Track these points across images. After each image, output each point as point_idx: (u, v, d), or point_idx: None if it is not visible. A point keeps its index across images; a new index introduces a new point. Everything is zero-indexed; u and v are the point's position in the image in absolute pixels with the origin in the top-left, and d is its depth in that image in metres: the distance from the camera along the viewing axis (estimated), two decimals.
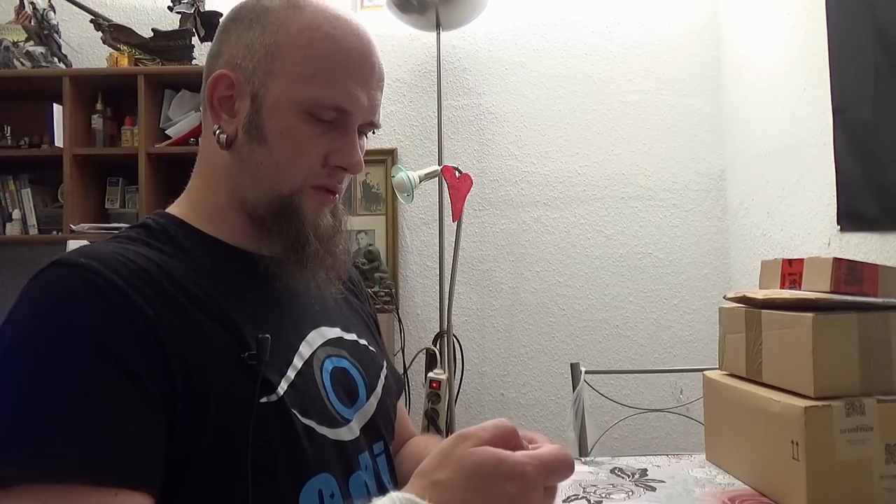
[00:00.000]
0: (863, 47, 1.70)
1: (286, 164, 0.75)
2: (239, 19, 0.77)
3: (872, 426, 0.88)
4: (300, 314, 0.80)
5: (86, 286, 0.63)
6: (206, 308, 0.69)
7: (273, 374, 0.70)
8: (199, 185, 0.81)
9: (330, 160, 0.77)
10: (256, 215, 0.77)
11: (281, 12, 0.75)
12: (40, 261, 0.68)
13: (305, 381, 0.74)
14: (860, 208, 1.76)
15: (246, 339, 0.70)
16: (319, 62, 0.74)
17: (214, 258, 0.76)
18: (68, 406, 0.58)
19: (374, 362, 0.88)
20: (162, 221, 0.77)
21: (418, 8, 2.36)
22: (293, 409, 0.70)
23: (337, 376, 0.79)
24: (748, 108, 2.42)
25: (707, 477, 1.09)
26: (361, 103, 0.76)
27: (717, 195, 2.63)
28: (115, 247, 0.69)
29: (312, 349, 0.78)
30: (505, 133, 2.69)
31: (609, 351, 2.63)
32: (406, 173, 1.96)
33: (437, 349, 2.21)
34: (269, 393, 0.69)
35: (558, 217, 2.67)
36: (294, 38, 0.74)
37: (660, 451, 1.74)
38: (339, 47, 0.75)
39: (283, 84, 0.74)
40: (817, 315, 0.91)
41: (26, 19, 2.55)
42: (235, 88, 0.76)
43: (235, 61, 0.76)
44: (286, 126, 0.75)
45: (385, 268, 2.56)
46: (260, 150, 0.75)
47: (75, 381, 0.59)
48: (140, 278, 0.66)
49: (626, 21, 2.66)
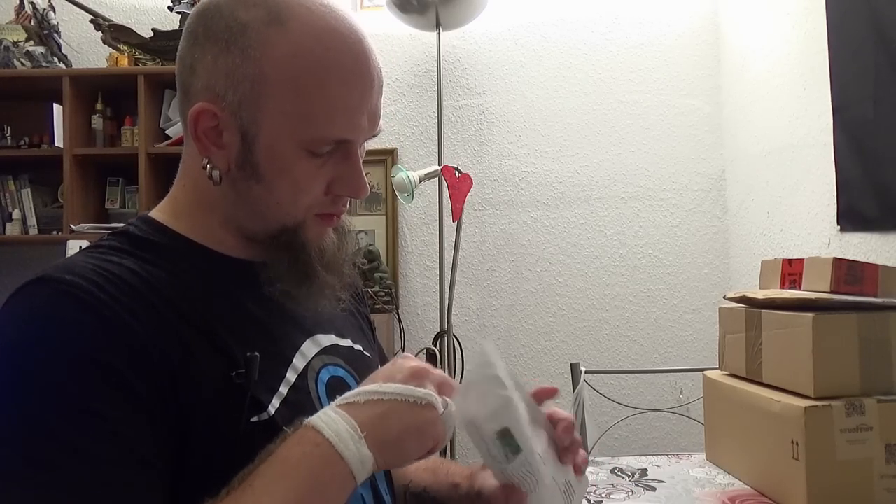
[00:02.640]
0: (863, 47, 1.70)
1: (288, 200, 0.72)
2: (213, 36, 0.69)
3: (872, 426, 0.88)
4: (293, 323, 0.77)
5: (71, 302, 0.61)
6: (194, 324, 0.67)
7: (264, 393, 0.68)
8: (185, 199, 0.76)
9: (334, 189, 0.73)
10: (256, 240, 0.75)
11: (261, 31, 0.67)
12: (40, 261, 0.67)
13: (299, 396, 0.72)
14: (860, 208, 1.75)
15: (235, 357, 0.67)
16: (314, 98, 0.68)
17: (202, 269, 0.72)
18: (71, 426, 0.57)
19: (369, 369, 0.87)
20: (144, 228, 0.73)
21: (418, 8, 2.36)
22: (285, 426, 0.67)
23: (333, 386, 0.77)
24: (748, 108, 2.42)
25: (707, 477, 1.09)
26: (362, 128, 0.72)
27: (717, 195, 2.63)
28: (97, 259, 0.66)
29: (307, 360, 0.76)
30: (505, 133, 2.69)
31: (609, 351, 2.63)
32: (406, 173, 1.96)
33: (437, 349, 2.21)
34: (259, 412, 0.67)
35: (558, 217, 2.67)
36: (282, 68, 0.67)
37: (660, 451, 1.74)
38: (332, 74, 0.68)
39: (278, 122, 0.68)
40: (817, 315, 0.91)
41: (26, 19, 2.55)
42: (220, 119, 0.69)
43: (216, 90, 0.68)
44: (285, 166, 0.70)
45: (385, 268, 2.56)
46: (258, 188, 0.71)
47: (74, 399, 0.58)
48: (125, 293, 0.63)
49: (626, 21, 2.66)
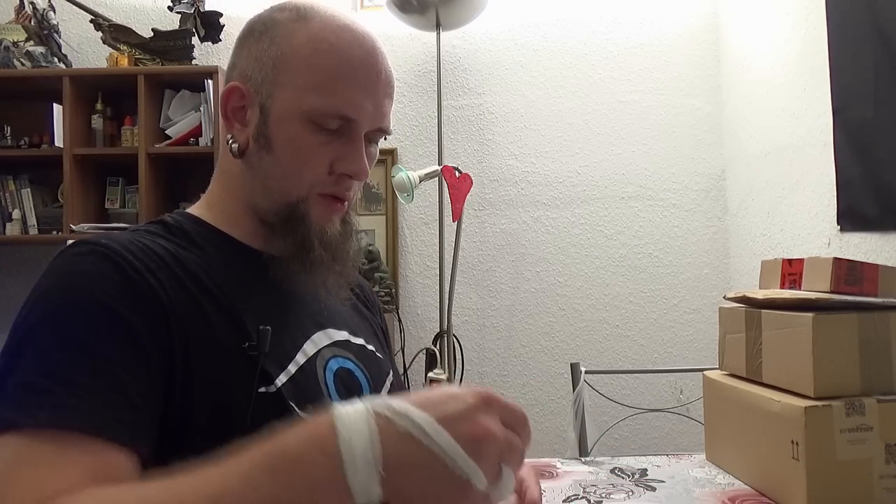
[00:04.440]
0: (863, 47, 1.70)
1: (292, 172, 0.78)
2: (251, 33, 0.81)
3: (872, 426, 0.88)
4: (307, 315, 0.82)
5: (104, 261, 0.67)
6: (214, 299, 0.72)
7: (273, 367, 0.72)
8: (217, 189, 0.85)
9: (336, 168, 0.78)
10: (267, 221, 0.80)
11: (288, 25, 0.78)
12: (40, 261, 0.70)
13: (306, 378, 0.76)
14: (860, 208, 1.75)
15: (248, 332, 0.72)
16: (322, 72, 0.76)
17: (227, 255, 0.79)
18: (74, 362, 0.61)
19: (380, 368, 0.89)
20: (179, 219, 0.81)
21: (418, 8, 2.36)
22: (290, 401, 0.72)
23: (341, 376, 0.80)
24: (748, 108, 2.42)
25: (707, 477, 1.09)
26: (365, 110, 0.78)
27: (717, 195, 2.63)
28: (132, 235, 0.74)
29: (317, 348, 0.80)
30: (505, 133, 2.69)
31: (609, 351, 2.63)
32: (406, 173, 1.96)
33: (437, 349, 2.21)
34: (267, 384, 0.71)
35: (558, 217, 2.67)
36: (299, 49, 0.76)
37: (660, 451, 1.74)
38: (342, 57, 0.76)
39: (289, 94, 0.76)
40: (817, 315, 0.91)
41: (26, 19, 2.55)
42: (246, 99, 0.79)
43: (247, 73, 0.79)
44: (291, 135, 0.77)
45: (385, 268, 2.56)
46: (268, 159, 0.78)
47: (84, 339, 0.63)
48: (154, 262, 0.70)
49: (626, 21, 2.66)
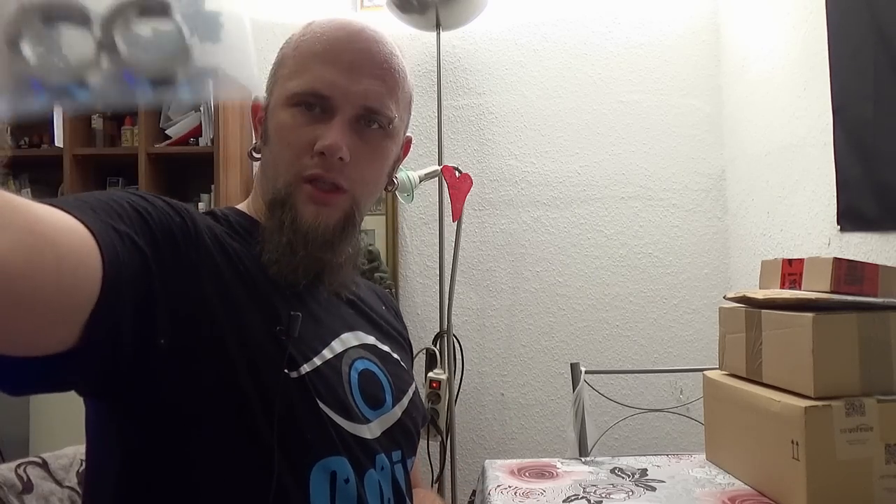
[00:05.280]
0: (863, 47, 1.70)
1: (279, 157, 0.81)
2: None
3: (872, 426, 0.88)
4: (338, 316, 0.84)
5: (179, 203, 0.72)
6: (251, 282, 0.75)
7: (299, 355, 0.74)
8: (255, 189, 0.90)
9: (316, 147, 0.79)
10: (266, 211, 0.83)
11: (294, 34, 0.85)
12: None
13: (330, 372, 0.77)
14: (860, 208, 1.75)
15: (279, 315, 0.74)
16: (301, 58, 0.81)
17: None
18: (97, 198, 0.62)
19: (403, 379, 0.90)
20: (226, 211, 0.85)
21: (418, 8, 2.36)
22: (312, 390, 0.73)
23: (365, 376, 0.81)
24: (748, 108, 2.42)
25: (707, 477, 1.09)
26: (339, 86, 0.78)
27: (717, 195, 2.63)
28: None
29: (345, 347, 0.81)
30: (505, 133, 2.69)
31: (609, 351, 2.63)
32: (406, 173, 1.95)
33: (437, 349, 2.21)
34: (292, 369, 0.73)
35: (558, 217, 2.67)
36: (291, 47, 0.83)
37: (660, 451, 1.74)
38: (322, 40, 0.80)
39: (280, 87, 0.82)
40: (817, 315, 0.91)
41: None
42: (262, 108, 0.85)
43: (265, 87, 0.86)
44: (278, 122, 0.81)
45: (385, 268, 2.56)
46: (266, 151, 0.84)
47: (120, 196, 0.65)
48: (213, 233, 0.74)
49: (626, 21, 2.66)
